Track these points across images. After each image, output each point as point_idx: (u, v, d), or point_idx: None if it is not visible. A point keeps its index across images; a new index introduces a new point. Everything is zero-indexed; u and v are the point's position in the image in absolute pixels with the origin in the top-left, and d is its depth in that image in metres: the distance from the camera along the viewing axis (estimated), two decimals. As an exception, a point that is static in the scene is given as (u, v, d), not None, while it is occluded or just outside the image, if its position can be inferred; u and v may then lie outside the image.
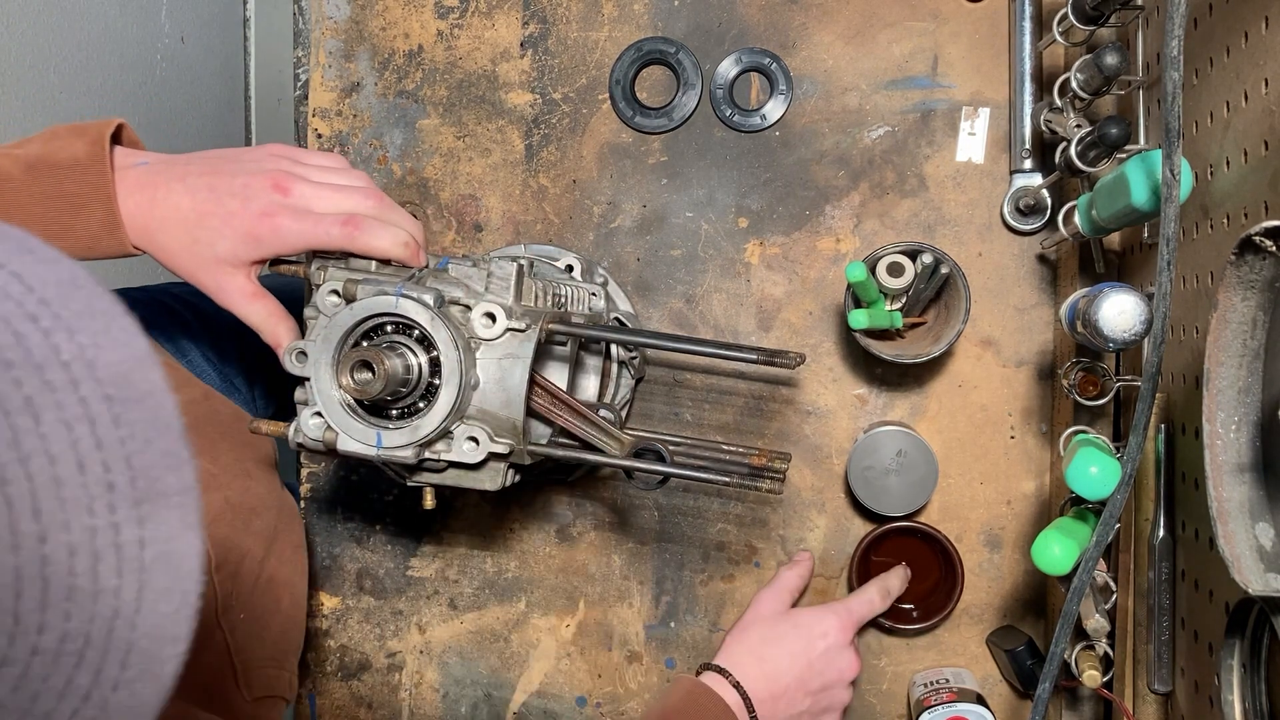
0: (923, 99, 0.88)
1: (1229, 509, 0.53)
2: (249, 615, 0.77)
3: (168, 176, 0.68)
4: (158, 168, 0.69)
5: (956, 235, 0.88)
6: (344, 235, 0.67)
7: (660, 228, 0.91)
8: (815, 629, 0.81)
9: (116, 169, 0.68)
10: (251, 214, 0.67)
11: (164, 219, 0.67)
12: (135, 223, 0.67)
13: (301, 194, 0.68)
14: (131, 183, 0.67)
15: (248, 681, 0.77)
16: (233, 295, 0.69)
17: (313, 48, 0.95)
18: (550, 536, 0.94)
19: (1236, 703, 0.58)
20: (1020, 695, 0.88)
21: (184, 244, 0.68)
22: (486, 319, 0.65)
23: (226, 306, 0.70)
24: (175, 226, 0.67)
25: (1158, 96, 0.72)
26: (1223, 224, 0.63)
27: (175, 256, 0.68)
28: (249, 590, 0.78)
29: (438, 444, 0.66)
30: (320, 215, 0.68)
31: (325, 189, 0.69)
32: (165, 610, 0.32)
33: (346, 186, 0.70)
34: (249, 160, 0.70)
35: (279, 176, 0.68)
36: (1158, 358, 0.56)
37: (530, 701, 0.95)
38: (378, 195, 0.71)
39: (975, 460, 0.88)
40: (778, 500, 0.90)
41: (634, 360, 0.85)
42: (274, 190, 0.68)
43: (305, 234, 0.67)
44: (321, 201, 0.69)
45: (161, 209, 0.67)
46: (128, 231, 0.67)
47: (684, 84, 0.90)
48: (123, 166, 0.68)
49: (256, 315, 0.70)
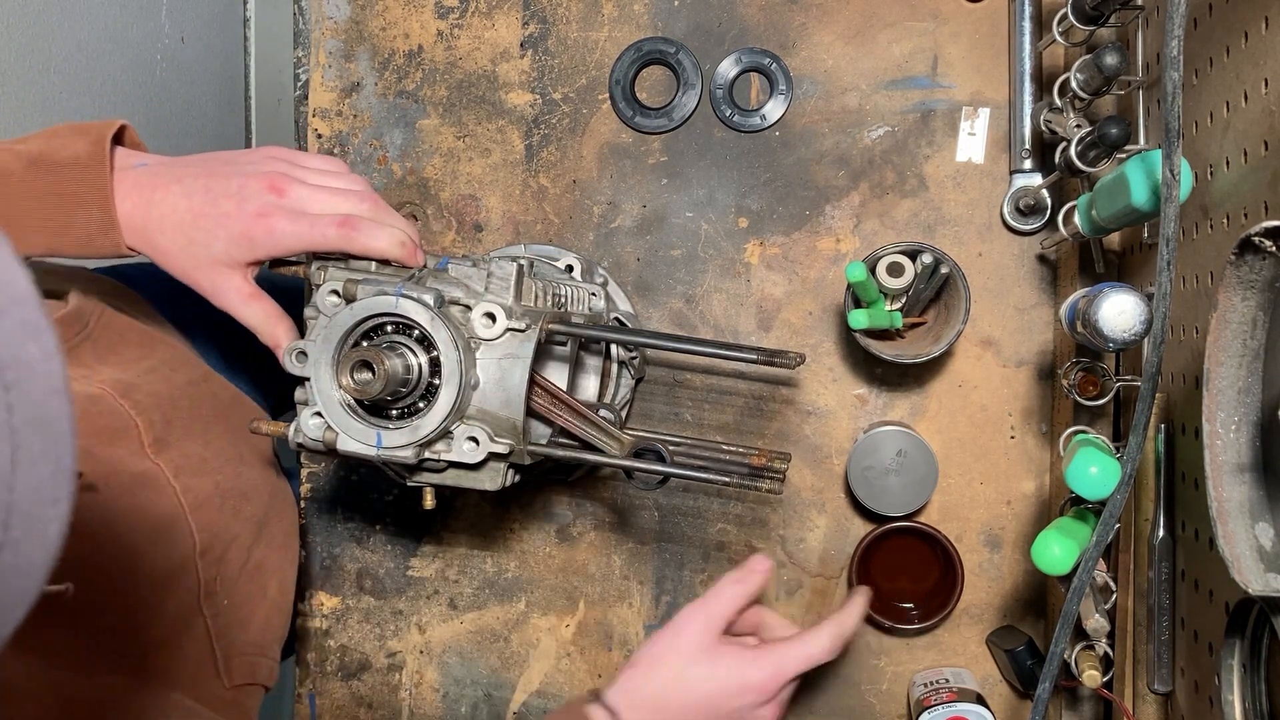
0: (923, 99, 0.88)
1: (1229, 509, 0.53)
2: (233, 601, 0.76)
3: (165, 178, 0.68)
4: (156, 169, 0.69)
5: (956, 235, 0.88)
6: (340, 236, 0.67)
7: (660, 228, 0.91)
8: (734, 683, 0.71)
9: (116, 170, 0.68)
10: (247, 215, 0.67)
11: (160, 220, 0.67)
12: (132, 223, 0.68)
13: (297, 195, 0.69)
14: (129, 184, 0.68)
15: (228, 668, 0.76)
16: (230, 296, 0.69)
17: (313, 48, 0.95)
18: (550, 536, 0.94)
19: (1236, 703, 0.58)
20: (1020, 695, 0.88)
21: (180, 245, 0.68)
22: (486, 319, 0.65)
23: (223, 308, 0.70)
24: (171, 228, 0.68)
25: (1158, 96, 0.72)
26: (1223, 224, 0.63)
27: (172, 258, 0.69)
28: (234, 576, 0.77)
29: (438, 444, 0.66)
30: (316, 217, 0.68)
31: (321, 191, 0.69)
32: (42, 473, 0.33)
33: (342, 189, 0.70)
34: (246, 162, 0.70)
35: (275, 178, 0.69)
36: (1158, 358, 0.56)
37: (530, 701, 0.95)
38: (373, 198, 0.71)
39: (975, 460, 0.88)
40: (778, 500, 0.90)
41: (634, 360, 0.85)
42: (269, 191, 0.68)
43: (301, 235, 0.67)
44: (317, 203, 0.69)
45: (158, 210, 0.67)
46: (123, 233, 0.67)
47: (684, 84, 0.90)
48: (122, 168, 0.68)
49: (254, 316, 0.70)
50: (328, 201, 0.69)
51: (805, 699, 0.91)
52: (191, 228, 0.67)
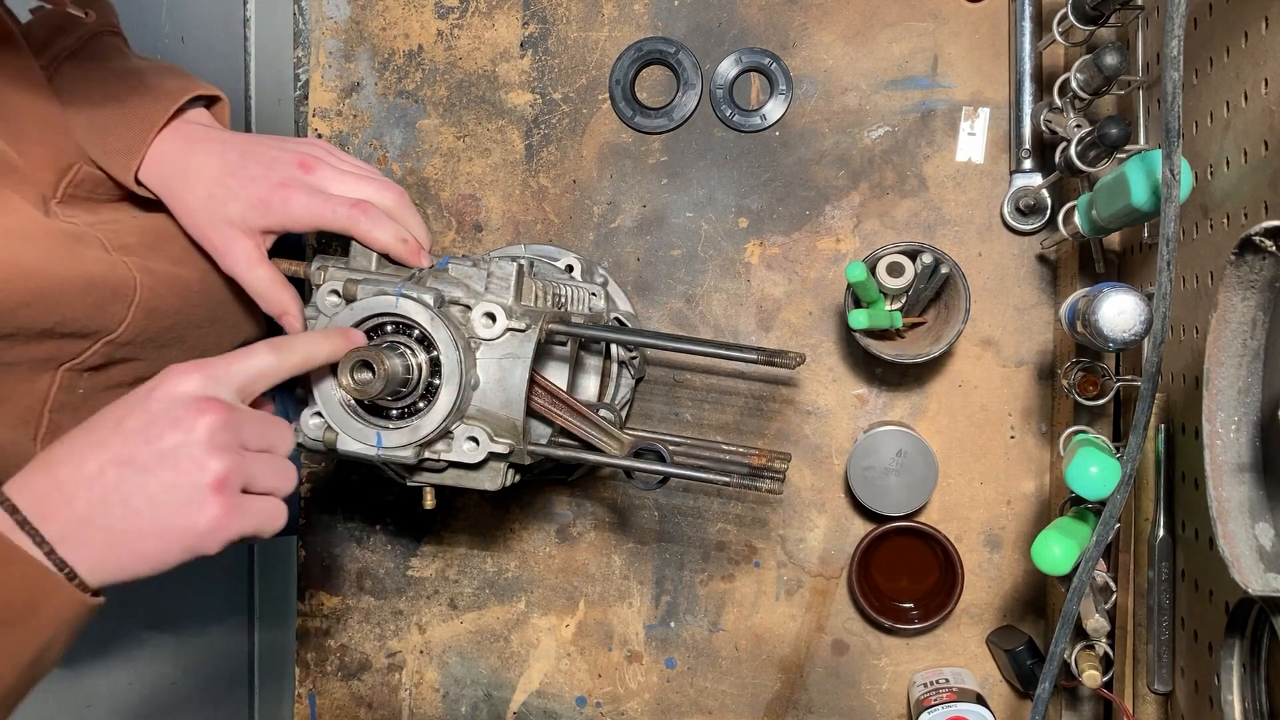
0: (923, 99, 0.88)
1: (1229, 509, 0.53)
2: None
3: (215, 139, 0.71)
4: (214, 130, 0.72)
5: (956, 235, 0.88)
6: (348, 216, 0.68)
7: (660, 228, 0.91)
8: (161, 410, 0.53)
9: (180, 119, 0.70)
10: (270, 182, 0.69)
11: (189, 168, 0.69)
12: (162, 164, 0.69)
13: (323, 175, 0.70)
14: (184, 132, 0.70)
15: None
16: (238, 258, 0.70)
17: (313, 48, 0.95)
18: (550, 536, 0.94)
19: (1236, 703, 0.58)
20: (1020, 695, 0.88)
21: (200, 199, 0.69)
22: (486, 319, 0.65)
23: (230, 270, 0.71)
24: (197, 180, 0.69)
25: (1158, 96, 0.72)
26: (1223, 224, 0.63)
27: (189, 210, 0.70)
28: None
29: (438, 444, 0.66)
30: (331, 195, 0.69)
31: (348, 175, 0.71)
32: None
33: (370, 178, 0.72)
34: (290, 143, 0.73)
35: (307, 158, 0.71)
36: (1158, 358, 0.56)
37: (530, 701, 0.95)
38: (398, 191, 0.72)
39: (975, 460, 0.88)
40: (778, 500, 0.90)
41: (634, 360, 0.85)
42: (298, 167, 0.70)
43: (313, 209, 0.68)
44: (340, 185, 0.70)
45: (191, 157, 0.69)
46: (144, 168, 0.69)
47: (684, 84, 0.90)
48: (187, 120, 0.71)
49: (259, 282, 0.70)
50: (351, 185, 0.71)
51: (805, 699, 0.91)
52: (215, 184, 0.69)
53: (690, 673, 0.92)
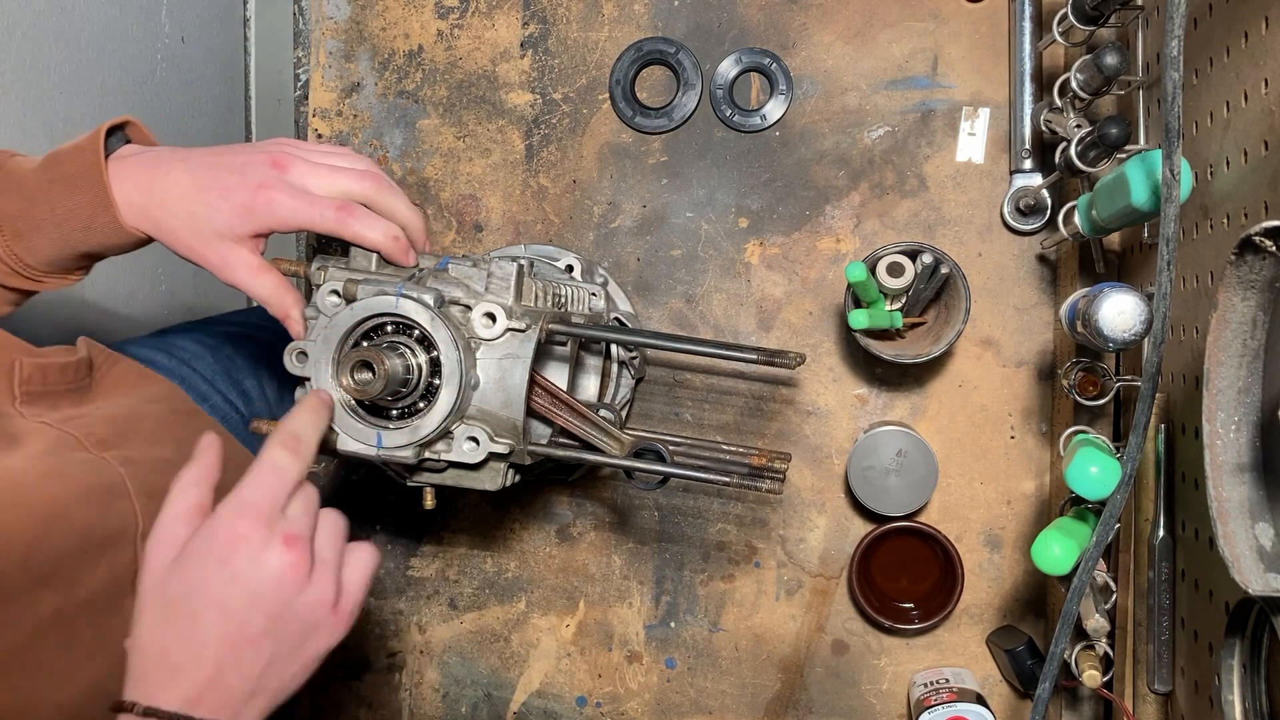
0: (923, 99, 0.88)
1: (1229, 509, 0.53)
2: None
3: (170, 159, 0.70)
4: (161, 153, 0.71)
5: (956, 235, 0.88)
6: (337, 219, 0.68)
7: (660, 228, 0.91)
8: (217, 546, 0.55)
9: (116, 154, 0.69)
10: (248, 187, 0.68)
11: (163, 196, 0.69)
12: (133, 201, 0.69)
13: (299, 172, 0.70)
14: (131, 166, 0.69)
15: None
16: (238, 269, 0.70)
17: (313, 48, 0.95)
18: (550, 536, 0.94)
19: (1236, 703, 0.58)
20: (1020, 695, 0.88)
21: (183, 220, 0.69)
22: (486, 319, 0.65)
23: (231, 283, 0.71)
24: (174, 203, 0.69)
25: (1158, 96, 0.72)
26: (1223, 224, 0.63)
27: (177, 234, 0.69)
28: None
29: (438, 444, 0.66)
30: (316, 196, 0.69)
31: (323, 169, 0.70)
32: None
33: (345, 168, 0.71)
34: (251, 146, 0.72)
35: (278, 155, 0.70)
36: (1158, 358, 0.56)
37: (530, 701, 0.95)
38: (375, 177, 0.71)
39: (975, 460, 0.88)
40: (778, 500, 0.90)
41: (634, 360, 0.85)
42: (272, 167, 0.69)
43: (299, 211, 0.68)
44: (318, 181, 0.70)
45: (160, 186, 0.69)
46: (122, 211, 0.68)
47: (684, 84, 0.90)
48: (123, 154, 0.70)
49: (263, 289, 0.70)
50: (329, 180, 0.70)
51: (805, 699, 0.91)
52: (194, 201, 0.68)
53: (690, 673, 0.93)
